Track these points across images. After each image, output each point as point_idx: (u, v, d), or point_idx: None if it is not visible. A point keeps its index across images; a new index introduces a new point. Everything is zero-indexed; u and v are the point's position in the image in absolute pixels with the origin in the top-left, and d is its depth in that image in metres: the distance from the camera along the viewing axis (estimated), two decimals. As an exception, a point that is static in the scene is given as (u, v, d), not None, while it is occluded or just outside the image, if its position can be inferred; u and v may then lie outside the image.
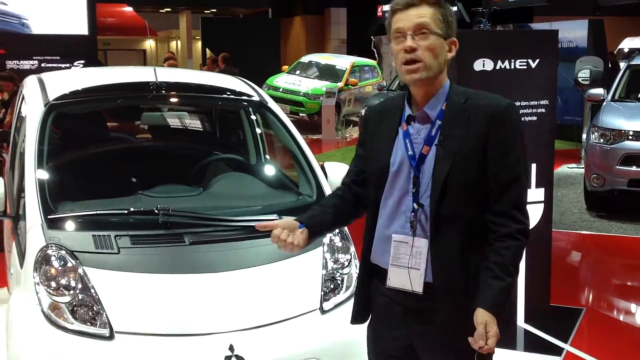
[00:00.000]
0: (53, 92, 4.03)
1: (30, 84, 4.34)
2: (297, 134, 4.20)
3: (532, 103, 5.22)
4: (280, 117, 4.32)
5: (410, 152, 2.45)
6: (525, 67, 5.16)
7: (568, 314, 5.60)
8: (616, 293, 6.43)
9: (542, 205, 5.30)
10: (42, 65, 18.50)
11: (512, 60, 5.11)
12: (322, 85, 17.52)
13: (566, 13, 19.85)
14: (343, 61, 19.00)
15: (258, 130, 4.91)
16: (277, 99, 17.86)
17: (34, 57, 18.78)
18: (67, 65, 17.82)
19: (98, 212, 3.47)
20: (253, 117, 4.88)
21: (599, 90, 9.73)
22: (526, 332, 5.17)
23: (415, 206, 2.43)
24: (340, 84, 17.70)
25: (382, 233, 2.51)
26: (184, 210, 3.49)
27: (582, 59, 12.75)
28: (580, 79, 11.89)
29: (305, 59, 19.67)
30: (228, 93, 4.47)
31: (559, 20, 16.32)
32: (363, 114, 13.55)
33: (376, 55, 20.54)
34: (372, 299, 2.60)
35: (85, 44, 19.48)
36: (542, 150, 5.25)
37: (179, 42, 30.17)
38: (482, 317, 2.31)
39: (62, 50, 18.89)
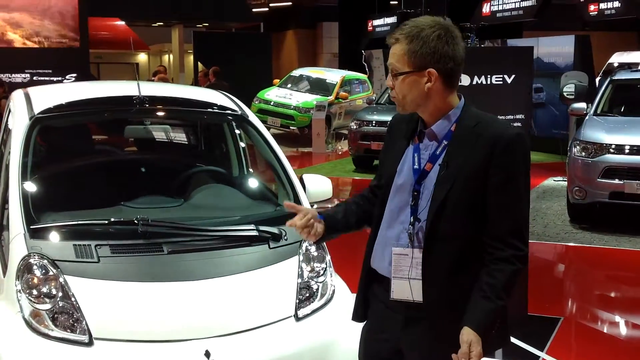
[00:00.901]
0: (38, 106, 4.13)
1: (17, 98, 4.44)
2: (277, 148, 4.32)
3: (508, 117, 5.35)
4: (261, 131, 4.44)
5: (415, 166, 2.55)
6: (501, 82, 5.30)
7: (546, 323, 5.72)
8: (595, 303, 6.54)
9: (518, 217, 5.42)
10: (34, 78, 18.61)
11: (488, 76, 5.26)
12: (313, 98, 17.65)
13: (555, 28, 20.10)
14: (334, 75, 19.16)
15: (241, 144, 5.02)
16: (268, 112, 18.13)
17: (26, 70, 18.90)
18: (59, 78, 17.94)
19: (79, 222, 3.57)
20: (237, 131, 4.99)
21: (581, 105, 9.91)
22: (504, 341, 5.28)
23: (412, 219, 2.53)
24: (331, 98, 17.84)
25: (382, 236, 2.62)
26: (163, 221, 3.59)
27: (567, 74, 12.94)
28: (565, 94, 12.03)
29: (297, 72, 19.82)
30: (211, 107, 4.59)
31: (548, 35, 16.53)
32: (353, 127, 13.67)
33: (367, 69, 20.72)
34: (369, 301, 2.70)
35: (77, 57, 19.62)
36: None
37: (171, 55, 30.32)
38: (467, 336, 2.40)
39: (54, 63, 19.02)
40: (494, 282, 2.40)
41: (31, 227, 3.48)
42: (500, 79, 5.32)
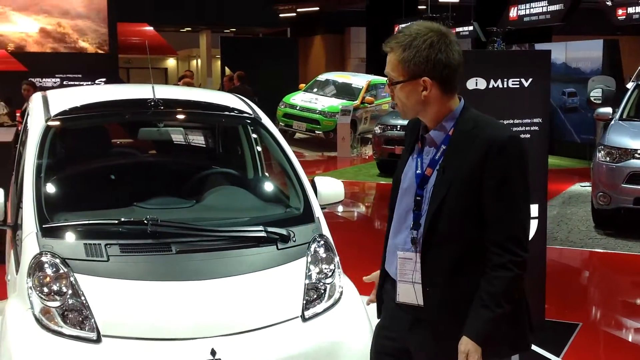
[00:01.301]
0: (55, 108, 4.21)
1: (35, 100, 4.52)
2: (290, 151, 4.34)
3: (525, 121, 5.32)
4: (273, 134, 4.46)
5: (418, 171, 2.58)
6: (518, 86, 5.27)
7: (565, 329, 5.66)
8: (615, 309, 6.46)
9: (536, 222, 5.38)
10: (65, 82, 18.92)
11: (505, 80, 5.22)
12: (339, 103, 17.68)
13: (586, 32, 19.91)
14: (359, 79, 19.17)
15: (257, 147, 5.06)
16: (294, 117, 18.21)
17: (56, 75, 19.21)
18: (89, 83, 18.20)
19: (89, 222, 3.62)
20: (253, 134, 5.02)
21: (607, 109, 9.79)
22: (521, 346, 5.24)
23: (414, 224, 2.55)
24: (357, 102, 17.85)
25: (391, 240, 2.67)
26: (172, 221, 3.63)
27: (594, 78, 12.80)
28: (592, 98, 11.91)
29: (322, 77, 19.87)
30: (225, 110, 4.63)
31: (579, 39, 16.39)
32: (377, 131, 13.67)
33: (393, 74, 20.66)
34: (384, 300, 2.76)
35: (107, 62, 19.89)
36: (535, 167, 5.33)
37: (199, 60, 30.56)
38: (465, 345, 2.41)
39: (84, 68, 19.31)
40: (493, 290, 2.40)
41: (43, 226, 3.53)
42: (517, 83, 5.28)
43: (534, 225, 5.39)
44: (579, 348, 5.28)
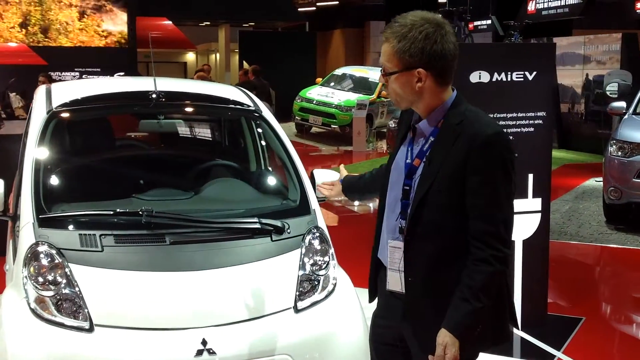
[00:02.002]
0: (56, 101, 4.26)
1: (39, 93, 4.58)
2: (289, 144, 4.36)
3: (529, 114, 5.30)
4: (273, 127, 4.48)
5: (407, 160, 2.60)
6: (522, 79, 5.25)
7: (567, 323, 5.65)
8: (620, 304, 6.42)
9: (539, 215, 5.36)
10: (84, 76, 19.04)
11: (509, 73, 5.21)
12: (355, 97, 17.67)
13: (607, 26, 19.68)
14: (376, 74, 19.09)
15: (260, 140, 5.08)
16: (310, 111, 18.21)
17: (76, 69, 19.35)
18: (108, 76, 18.31)
19: (85, 212, 3.68)
20: (258, 128, 5.04)
21: (621, 104, 9.71)
22: (523, 340, 5.24)
23: (402, 214, 2.59)
24: (373, 97, 17.83)
25: (384, 228, 2.70)
26: (167, 212, 3.67)
27: (610, 72, 12.71)
28: (608, 92, 11.81)
29: (339, 71, 19.87)
30: (225, 103, 4.66)
31: (599, 33, 16.23)
32: (391, 125, 13.66)
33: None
34: (378, 288, 2.78)
35: (126, 56, 20.00)
36: (538, 160, 5.33)
37: (218, 54, 30.66)
38: (443, 338, 2.44)
39: (103, 62, 19.44)
40: (473, 283, 2.42)
41: (40, 216, 3.59)
42: (521, 76, 5.26)
43: (536, 219, 5.39)
44: (580, 342, 5.27)
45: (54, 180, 4.01)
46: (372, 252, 2.79)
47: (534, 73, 5.27)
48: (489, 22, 19.23)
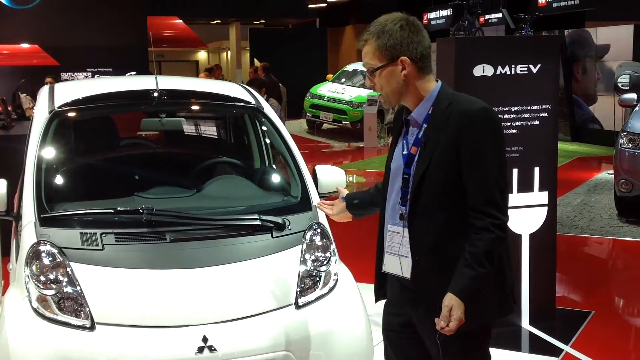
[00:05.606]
0: (59, 100, 4.28)
1: (42, 92, 4.60)
2: (291, 140, 4.36)
3: (534, 108, 5.27)
4: (275, 124, 4.48)
5: (404, 152, 2.76)
6: (526, 72, 5.21)
7: (576, 317, 5.61)
8: (632, 298, 6.35)
9: (545, 209, 5.33)
10: (96, 76, 19.12)
11: (513, 66, 5.17)
12: (366, 93, 17.63)
13: (620, 18, 19.51)
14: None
15: (265, 137, 5.07)
16: (320, 107, 18.18)
17: (87, 69, 19.44)
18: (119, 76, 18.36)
19: (86, 211, 3.69)
20: (262, 126, 5.04)
21: (631, 96, 9.65)
22: (531, 334, 5.22)
23: (402, 200, 2.72)
24: (384, 92, 17.77)
25: (386, 225, 2.82)
26: (167, 210, 3.68)
27: (622, 64, 12.64)
28: (620, 84, 11.70)
29: (350, 67, 19.84)
30: (227, 100, 4.66)
31: (613, 25, 16.08)
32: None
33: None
34: (387, 280, 2.88)
35: (138, 55, 20.06)
36: (544, 154, 5.30)
37: (229, 52, 30.70)
38: (449, 300, 2.55)
39: (115, 61, 19.51)
40: (475, 250, 2.55)
41: (42, 215, 3.61)
42: (525, 69, 5.23)
43: (543, 213, 5.35)
44: (589, 336, 5.24)
45: (56, 180, 4.02)
46: (377, 249, 2.87)
47: (539, 66, 5.23)
48: (499, 15, 19.12)
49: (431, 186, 2.63)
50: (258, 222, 3.69)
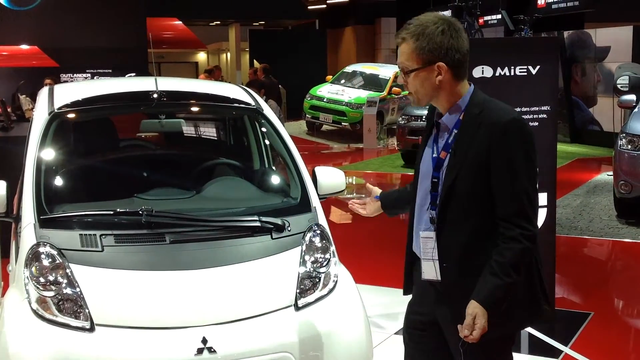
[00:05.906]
0: (58, 102, 4.28)
1: (42, 94, 4.60)
2: (290, 142, 4.36)
3: (533, 109, 5.28)
4: (275, 125, 4.48)
5: (434, 155, 2.76)
6: (525, 73, 5.22)
7: (575, 318, 5.62)
8: (631, 300, 6.36)
9: (545, 210, 5.33)
10: (95, 78, 19.11)
11: (512, 67, 5.18)
12: (366, 94, 17.65)
13: (620, 19, 19.52)
14: (387, 70, 19.10)
15: (265, 138, 5.07)
16: (320, 109, 18.20)
17: (87, 70, 19.43)
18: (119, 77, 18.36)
19: (86, 212, 3.69)
20: (262, 127, 5.04)
21: (631, 97, 9.66)
22: (530, 335, 5.22)
23: (431, 205, 2.74)
24: (384, 93, 17.81)
25: (415, 220, 2.86)
26: (167, 211, 3.68)
27: (621, 65, 12.64)
28: (619, 86, 11.72)
29: (349, 68, 19.85)
30: (226, 101, 4.66)
31: (613, 26, 16.10)
32: (401, 122, 13.62)
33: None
34: (414, 279, 2.92)
35: (137, 56, 20.06)
36: (543, 155, 5.29)
37: (228, 54, 30.71)
38: (473, 309, 2.56)
39: (115, 63, 19.51)
40: (502, 260, 2.55)
41: (41, 217, 3.61)
42: (525, 70, 5.24)
43: (542, 214, 5.35)
44: (588, 338, 5.23)
45: (56, 181, 4.02)
46: (407, 247, 2.93)
47: (538, 67, 5.24)
48: (499, 16, 19.16)
49: (460, 195, 2.64)
50: (258, 224, 3.69)
